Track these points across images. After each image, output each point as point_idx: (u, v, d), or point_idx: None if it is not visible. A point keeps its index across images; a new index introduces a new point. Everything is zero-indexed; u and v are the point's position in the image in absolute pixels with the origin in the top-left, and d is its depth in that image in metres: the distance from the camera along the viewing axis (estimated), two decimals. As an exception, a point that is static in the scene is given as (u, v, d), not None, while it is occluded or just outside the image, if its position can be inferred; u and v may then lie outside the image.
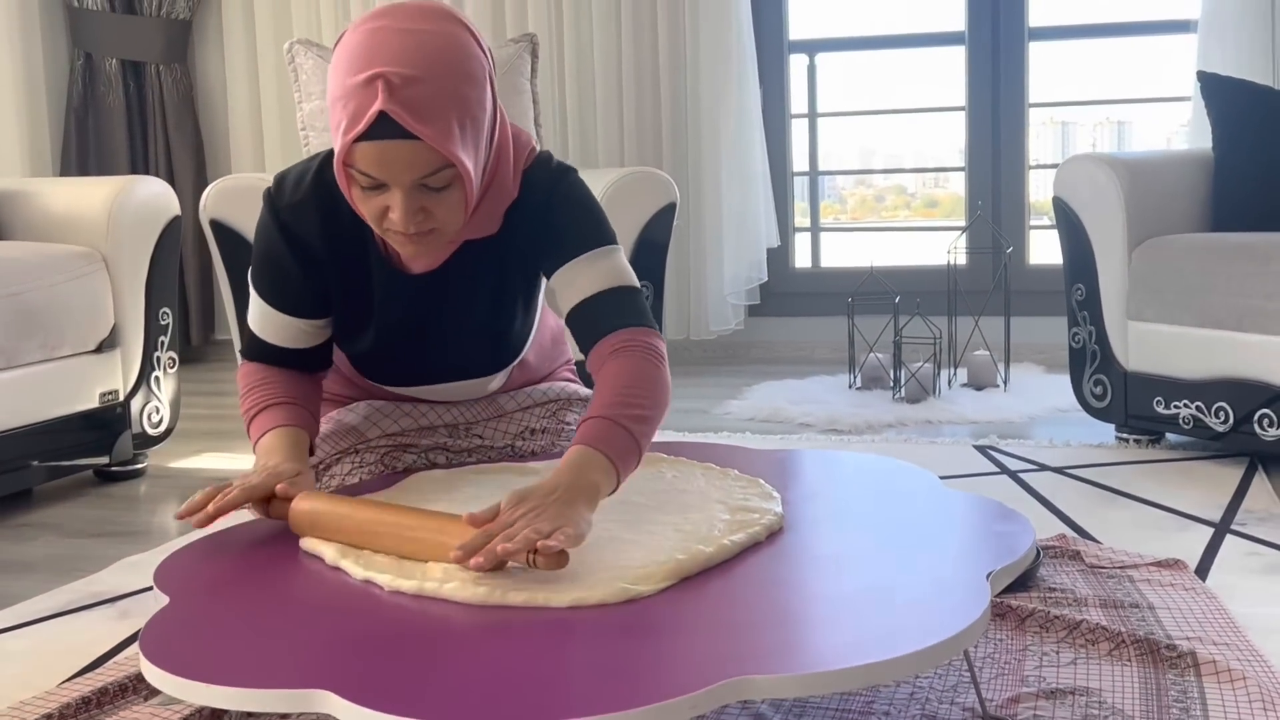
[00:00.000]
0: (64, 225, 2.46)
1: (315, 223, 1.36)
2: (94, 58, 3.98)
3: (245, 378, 1.43)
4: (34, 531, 2.15)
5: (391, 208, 1.21)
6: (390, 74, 1.15)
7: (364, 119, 1.16)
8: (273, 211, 1.38)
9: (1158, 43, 3.69)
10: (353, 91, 1.17)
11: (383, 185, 1.20)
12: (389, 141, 1.17)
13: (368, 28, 1.20)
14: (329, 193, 1.35)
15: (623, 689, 0.86)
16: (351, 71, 1.17)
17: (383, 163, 1.18)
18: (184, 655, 0.95)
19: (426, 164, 1.18)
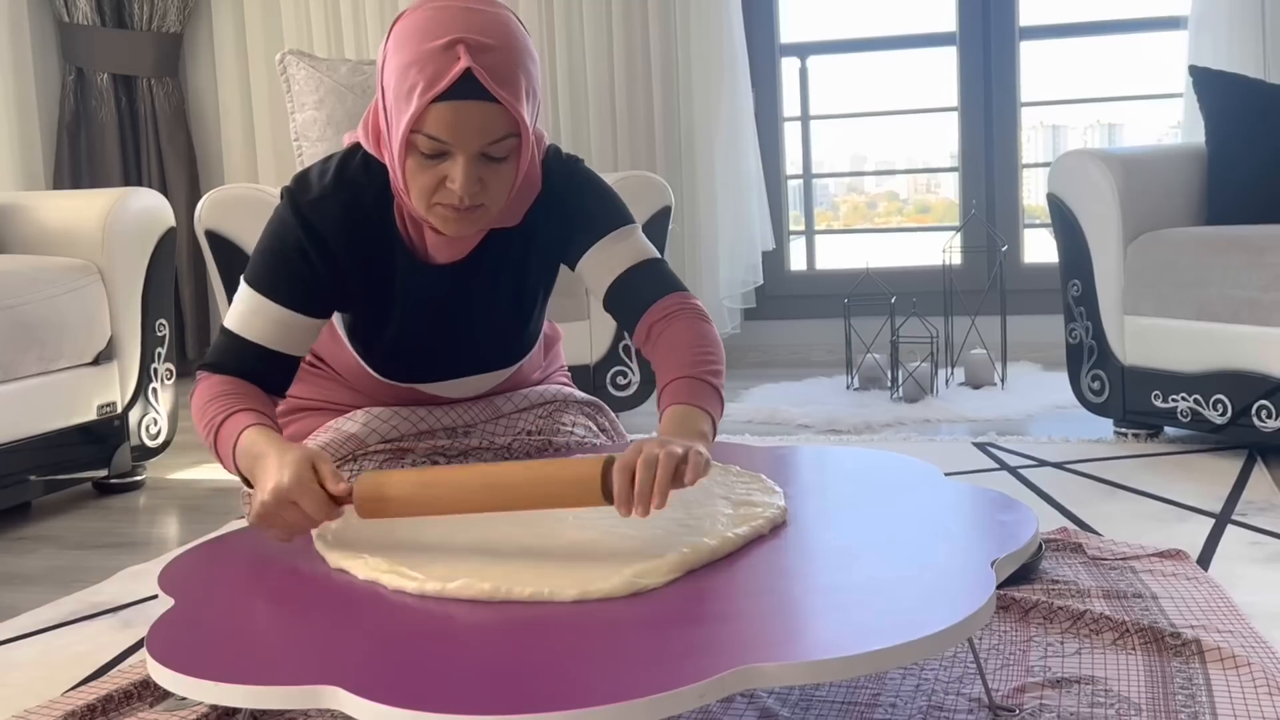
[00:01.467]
0: (59, 238, 2.46)
1: (339, 215, 1.35)
2: (85, 72, 3.99)
3: (205, 390, 1.33)
4: (34, 544, 2.15)
5: (450, 177, 1.23)
6: (470, 39, 1.19)
7: (447, 78, 1.18)
8: (294, 207, 1.35)
9: (1149, 40, 3.70)
10: (430, 55, 1.19)
11: (444, 154, 1.22)
12: (468, 102, 1.19)
13: (433, 5, 1.23)
14: (353, 186, 1.35)
15: (630, 679, 0.85)
16: (427, 38, 1.20)
17: (457, 124, 1.20)
18: (191, 655, 0.95)
19: (497, 128, 1.21)
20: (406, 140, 1.22)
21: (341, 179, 1.36)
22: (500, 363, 1.53)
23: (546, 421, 1.61)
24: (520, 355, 1.55)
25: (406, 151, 1.23)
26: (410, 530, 1.20)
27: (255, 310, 1.36)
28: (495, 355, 1.52)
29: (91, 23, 3.96)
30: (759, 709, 1.23)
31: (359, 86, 3.00)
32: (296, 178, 1.38)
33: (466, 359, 1.50)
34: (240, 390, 1.32)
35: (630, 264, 1.41)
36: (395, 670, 0.89)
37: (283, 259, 1.35)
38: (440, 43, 1.19)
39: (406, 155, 1.24)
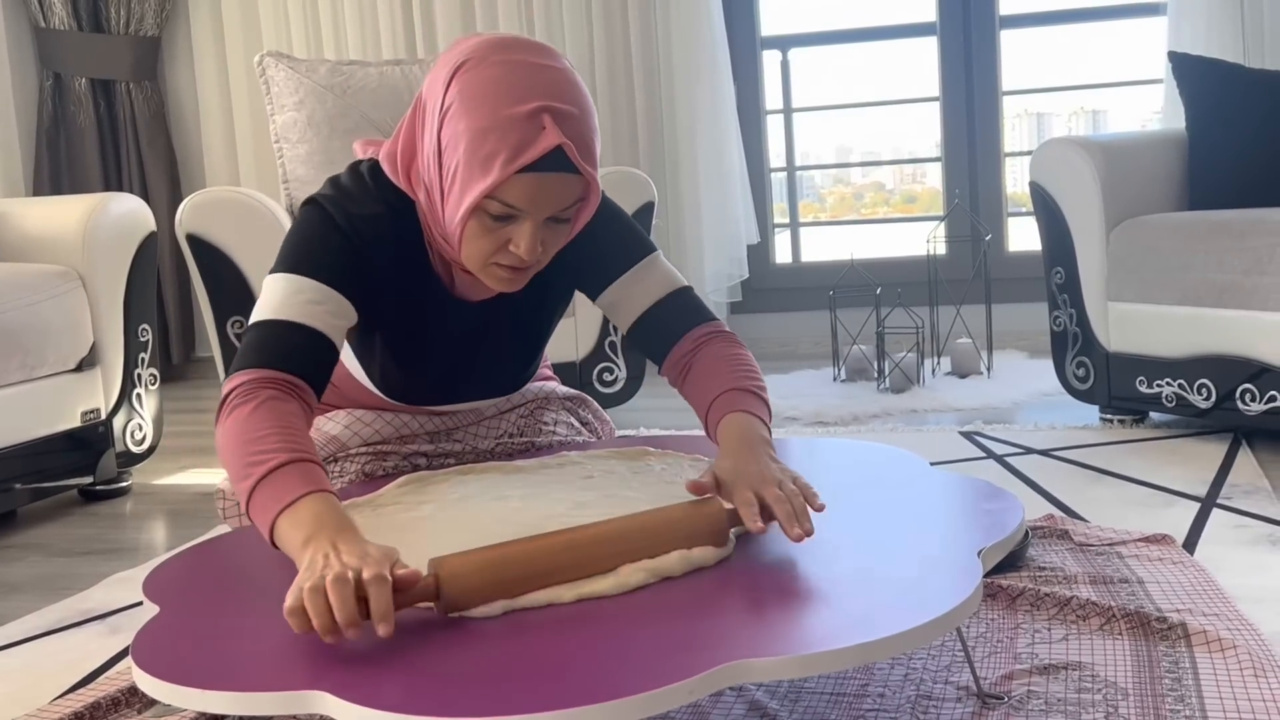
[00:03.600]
0: (39, 245, 2.45)
1: (384, 231, 1.30)
2: (63, 78, 3.96)
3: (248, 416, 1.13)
4: (20, 552, 2.13)
5: (515, 240, 1.19)
6: (556, 109, 1.15)
7: (534, 150, 1.13)
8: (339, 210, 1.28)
9: (1129, 26, 3.71)
10: (513, 123, 1.14)
11: (513, 217, 1.18)
12: (553, 174, 1.15)
13: (505, 60, 1.17)
14: (394, 210, 1.30)
15: (619, 676, 0.85)
16: (508, 102, 1.14)
17: (538, 194, 1.16)
18: (177, 662, 0.94)
19: (570, 197, 1.19)
20: (474, 207, 1.17)
21: (384, 199, 1.30)
22: (512, 387, 1.54)
23: (528, 421, 1.60)
24: (527, 381, 1.56)
25: (471, 214, 1.19)
26: (404, 536, 1.20)
27: (293, 290, 1.23)
28: (509, 382, 1.53)
29: (68, 27, 3.94)
30: (748, 702, 1.23)
31: (339, 87, 2.99)
32: (332, 187, 1.31)
33: (477, 387, 1.50)
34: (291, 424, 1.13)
35: (658, 297, 1.39)
36: (382, 674, 0.89)
37: (324, 242, 1.27)
38: (524, 110, 1.14)
39: (470, 217, 1.19)
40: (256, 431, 1.11)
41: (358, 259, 1.28)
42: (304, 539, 1.01)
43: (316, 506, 1.04)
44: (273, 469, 1.07)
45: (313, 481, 1.07)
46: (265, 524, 1.07)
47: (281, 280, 1.25)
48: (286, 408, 1.15)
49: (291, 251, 1.27)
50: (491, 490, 1.31)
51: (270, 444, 1.09)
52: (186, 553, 1.24)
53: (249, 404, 1.14)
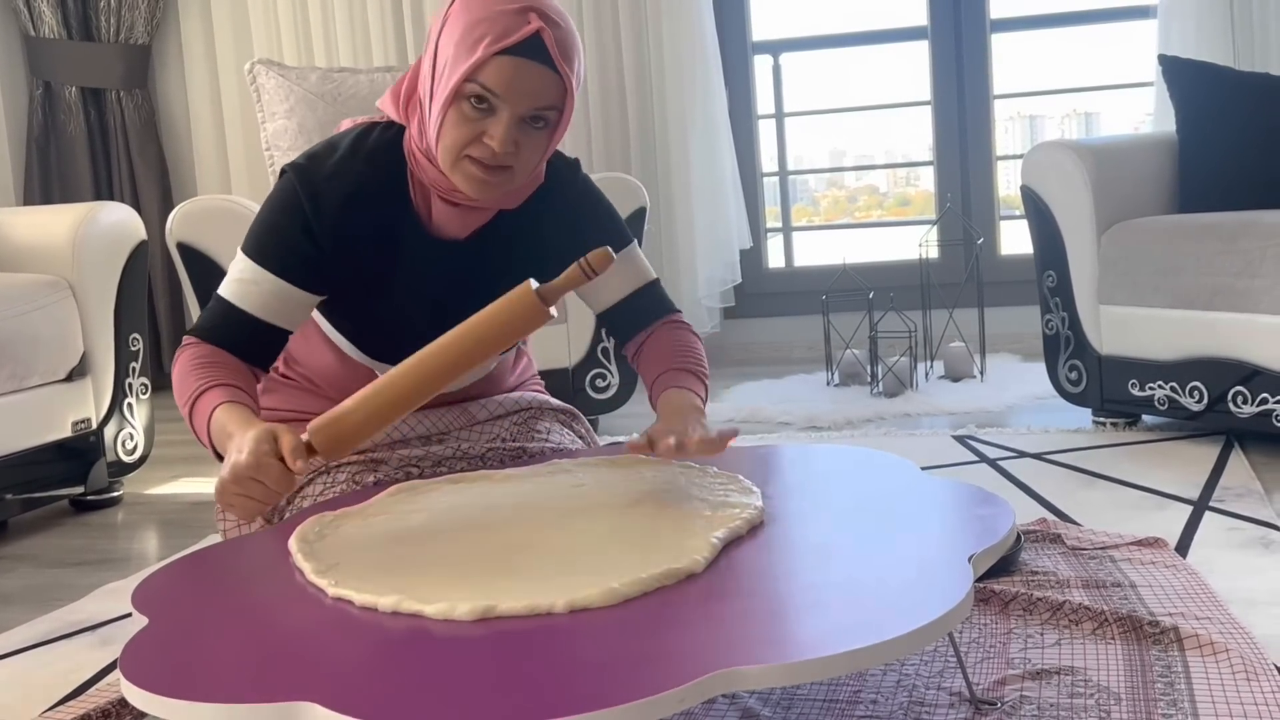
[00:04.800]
0: (29, 254, 2.44)
1: (352, 186, 1.36)
2: (53, 86, 3.96)
3: (188, 359, 1.35)
4: (11, 563, 2.13)
5: (489, 133, 1.26)
6: (541, 9, 1.26)
7: (517, 34, 1.23)
8: (304, 180, 1.36)
9: (1119, 30, 3.72)
10: (502, 14, 1.24)
11: (490, 110, 1.25)
12: (531, 62, 1.24)
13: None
14: (371, 156, 1.38)
15: (609, 685, 0.85)
16: (502, 3, 1.25)
17: (514, 81, 1.24)
18: (165, 674, 0.94)
19: (546, 97, 1.26)
20: (458, 88, 1.25)
21: (358, 150, 1.38)
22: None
23: (521, 428, 1.60)
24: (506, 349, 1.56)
25: (453, 99, 1.26)
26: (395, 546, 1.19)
27: (251, 280, 1.36)
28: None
29: (58, 36, 3.93)
30: (741, 709, 1.23)
31: (329, 94, 2.98)
32: (305, 155, 1.39)
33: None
34: (221, 361, 1.33)
35: (635, 288, 1.51)
36: (370, 685, 0.88)
37: (284, 232, 1.36)
38: (513, 6, 1.24)
39: (451, 103, 1.26)
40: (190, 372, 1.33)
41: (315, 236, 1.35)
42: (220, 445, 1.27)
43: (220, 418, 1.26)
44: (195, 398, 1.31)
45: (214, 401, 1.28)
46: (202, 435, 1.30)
47: (243, 264, 1.37)
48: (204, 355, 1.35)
49: (254, 232, 1.38)
50: (482, 499, 1.30)
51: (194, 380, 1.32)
52: (176, 564, 1.23)
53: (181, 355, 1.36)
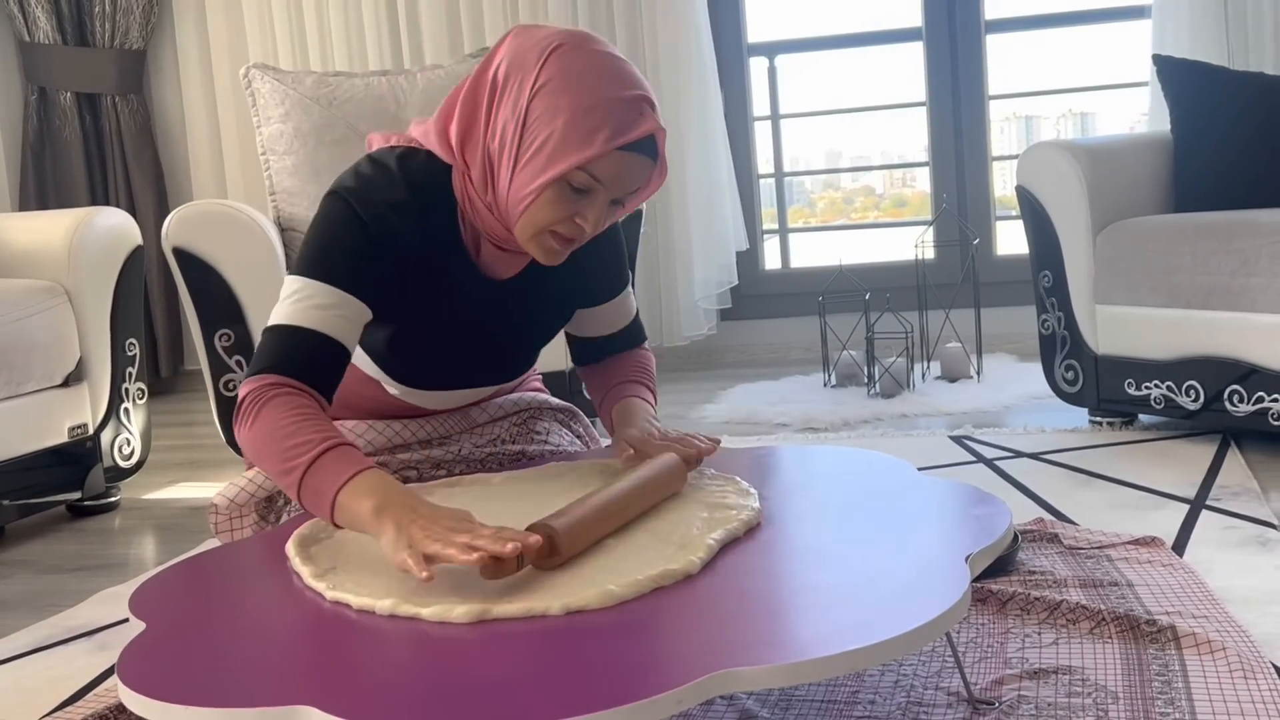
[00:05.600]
0: (24, 260, 2.44)
1: (413, 222, 1.33)
2: (48, 92, 3.95)
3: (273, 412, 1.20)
4: (8, 569, 2.12)
5: (582, 214, 1.28)
6: (652, 101, 1.28)
7: (636, 131, 1.24)
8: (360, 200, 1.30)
9: (1114, 30, 3.73)
10: (620, 105, 1.24)
11: (589, 193, 1.27)
12: (642, 157, 1.27)
13: (602, 50, 1.28)
14: (424, 190, 1.35)
15: (608, 688, 0.85)
16: (614, 86, 1.25)
17: (622, 173, 1.26)
18: (163, 679, 0.94)
19: (640, 182, 1.29)
20: (563, 174, 1.24)
21: (412, 181, 1.34)
22: (511, 376, 1.56)
23: (520, 430, 1.60)
24: (523, 373, 1.59)
25: (553, 182, 1.25)
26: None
27: (314, 295, 1.27)
28: (509, 371, 1.54)
29: (53, 42, 3.93)
30: (739, 710, 1.23)
31: (325, 98, 2.98)
32: (355, 177, 1.33)
33: (484, 372, 1.51)
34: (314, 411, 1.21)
35: (620, 327, 1.57)
36: (368, 688, 0.88)
37: (347, 246, 1.29)
38: (629, 95, 1.25)
39: (550, 185, 1.25)
40: (286, 427, 1.19)
41: (377, 252, 1.30)
42: (374, 507, 1.11)
43: (372, 480, 1.14)
44: (317, 455, 1.16)
45: (358, 460, 1.16)
46: (324, 504, 1.15)
47: (297, 283, 1.29)
48: (302, 401, 1.23)
49: (310, 251, 1.30)
50: (478, 504, 1.30)
51: (304, 438, 1.18)
52: (173, 569, 1.23)
53: (267, 406, 1.22)
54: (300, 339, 1.26)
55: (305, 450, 1.17)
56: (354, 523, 1.13)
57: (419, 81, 3.07)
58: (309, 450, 1.17)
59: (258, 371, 1.25)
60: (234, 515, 1.47)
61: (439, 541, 1.04)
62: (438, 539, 1.04)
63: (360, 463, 1.16)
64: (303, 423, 1.19)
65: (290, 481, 1.17)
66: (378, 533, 1.09)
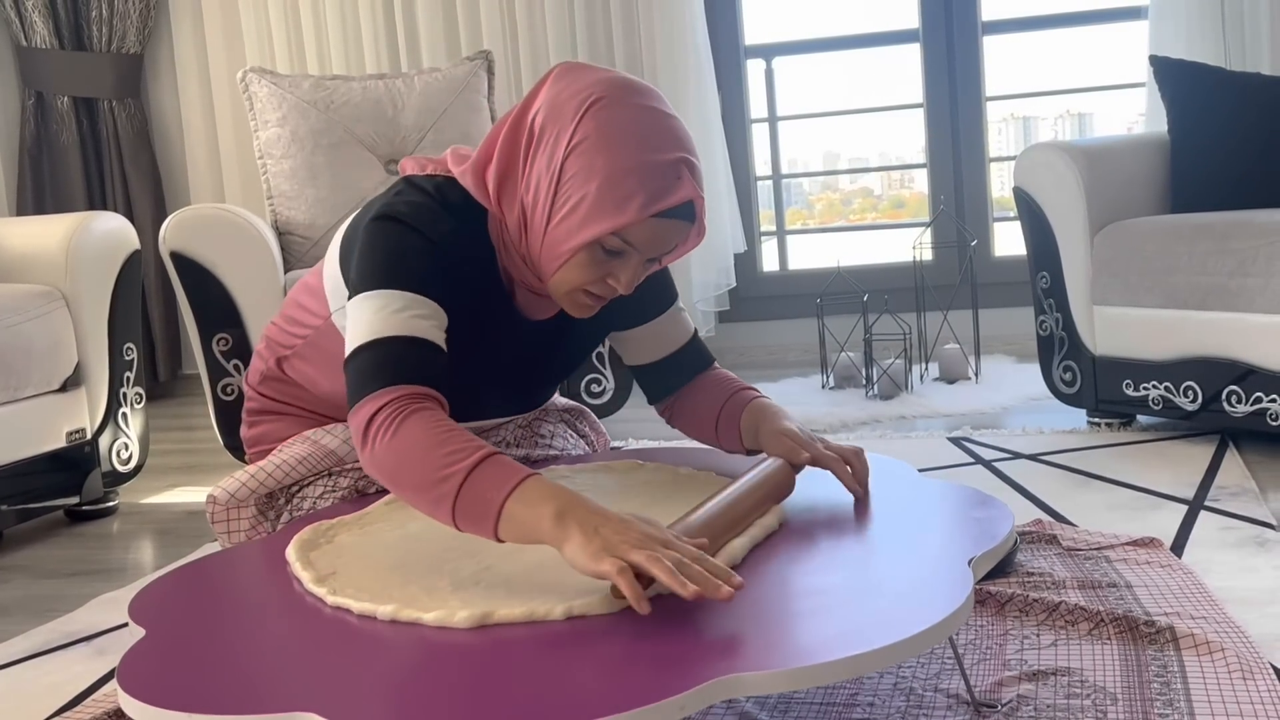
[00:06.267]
0: (21, 264, 2.43)
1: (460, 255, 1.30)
2: (45, 96, 3.95)
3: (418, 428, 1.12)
4: (6, 574, 2.12)
5: (617, 275, 1.24)
6: (691, 162, 1.22)
7: (672, 199, 1.19)
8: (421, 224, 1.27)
9: (1111, 31, 3.73)
10: (655, 169, 1.19)
11: (622, 255, 1.23)
12: (676, 222, 1.21)
13: (642, 105, 1.22)
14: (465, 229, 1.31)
15: (609, 694, 0.85)
16: (650, 148, 1.19)
17: (656, 238, 1.21)
18: (163, 686, 0.94)
19: (675, 243, 1.25)
20: (595, 240, 1.20)
21: (454, 213, 1.30)
22: (526, 409, 1.55)
23: (525, 433, 1.60)
24: (543, 403, 1.58)
25: (584, 247, 1.21)
26: (391, 554, 1.19)
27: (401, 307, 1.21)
28: (529, 405, 1.54)
29: (50, 46, 3.93)
30: (738, 713, 1.23)
31: (322, 102, 2.98)
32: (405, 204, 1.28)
33: (505, 405, 1.51)
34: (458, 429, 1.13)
35: (677, 347, 1.49)
36: (369, 694, 0.88)
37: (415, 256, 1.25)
38: (666, 159, 1.20)
39: (583, 249, 1.22)
40: (434, 440, 1.11)
41: (443, 264, 1.28)
42: (554, 512, 1.03)
43: (545, 486, 1.06)
44: (476, 464, 1.08)
45: (520, 469, 1.08)
46: (489, 514, 1.06)
47: (377, 298, 1.22)
48: (441, 415, 1.15)
49: (381, 266, 1.24)
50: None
51: (457, 446, 1.10)
52: (172, 574, 1.23)
53: (406, 420, 1.14)
54: (405, 349, 1.19)
55: (461, 458, 1.08)
56: (527, 531, 1.05)
57: (416, 85, 3.07)
58: (465, 457, 1.08)
59: (376, 389, 1.16)
60: (232, 508, 1.46)
61: (643, 551, 0.97)
62: (641, 546, 0.98)
63: (524, 470, 1.08)
64: (451, 434, 1.11)
65: (445, 492, 1.08)
66: (560, 540, 1.02)
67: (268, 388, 1.56)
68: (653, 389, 1.52)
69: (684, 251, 1.29)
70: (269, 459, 1.48)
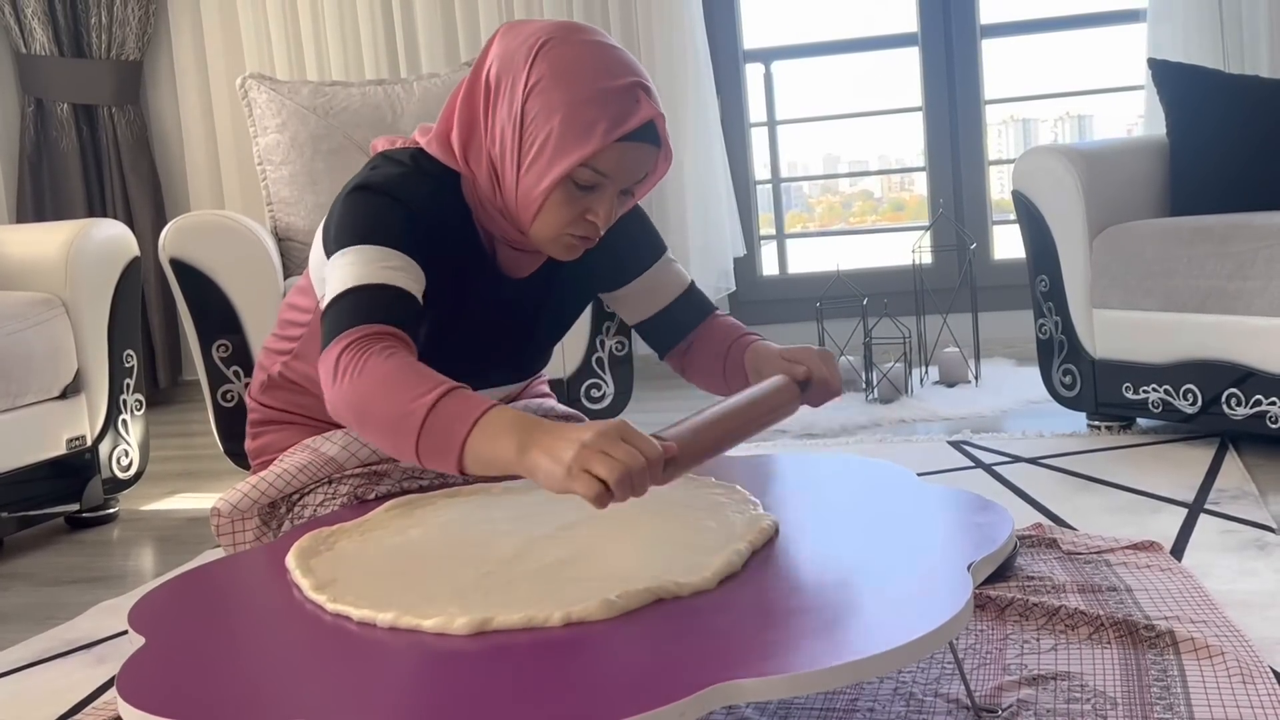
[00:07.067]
0: (21, 272, 2.44)
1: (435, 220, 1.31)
2: (45, 103, 3.96)
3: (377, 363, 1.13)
4: (6, 582, 2.12)
5: (593, 210, 1.26)
6: (647, 85, 1.25)
7: (634, 120, 1.22)
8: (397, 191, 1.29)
9: (1110, 33, 3.74)
10: (613, 95, 1.21)
11: (595, 188, 1.25)
12: (642, 144, 1.24)
13: (589, 40, 1.24)
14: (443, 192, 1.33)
15: (609, 700, 0.85)
16: (605, 76, 1.22)
17: (625, 163, 1.24)
18: (163, 695, 0.94)
19: (646, 169, 1.27)
20: (566, 174, 1.22)
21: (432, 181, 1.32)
22: (523, 376, 1.55)
23: None
24: (538, 370, 1.58)
25: (559, 182, 1.23)
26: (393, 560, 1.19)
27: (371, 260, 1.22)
28: (525, 369, 1.54)
29: (49, 53, 3.93)
30: (737, 718, 1.23)
31: (321, 108, 2.99)
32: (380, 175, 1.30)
33: (501, 371, 1.51)
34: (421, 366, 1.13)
35: (672, 298, 1.51)
36: (367, 704, 0.88)
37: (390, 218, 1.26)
38: (622, 83, 1.22)
39: (557, 186, 1.24)
40: (398, 376, 1.11)
41: (417, 231, 1.28)
42: (517, 445, 1.04)
43: (505, 417, 1.06)
44: (439, 398, 1.08)
45: (483, 400, 1.08)
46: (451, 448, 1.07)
47: (353, 253, 1.23)
48: (405, 353, 1.16)
49: (354, 227, 1.25)
50: (479, 513, 1.30)
51: (420, 381, 1.10)
52: (172, 582, 1.23)
53: (371, 357, 1.15)
54: (377, 294, 1.20)
55: (424, 392, 1.09)
56: (491, 463, 1.06)
57: (415, 90, 3.07)
58: (428, 391, 1.09)
59: (342, 329, 1.18)
60: (236, 519, 1.46)
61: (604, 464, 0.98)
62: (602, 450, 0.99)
63: (487, 401, 1.08)
64: (415, 370, 1.11)
65: (409, 426, 1.08)
66: (529, 471, 1.03)
67: (269, 397, 1.56)
68: (658, 343, 1.54)
69: (655, 180, 1.31)
70: (270, 468, 1.48)
